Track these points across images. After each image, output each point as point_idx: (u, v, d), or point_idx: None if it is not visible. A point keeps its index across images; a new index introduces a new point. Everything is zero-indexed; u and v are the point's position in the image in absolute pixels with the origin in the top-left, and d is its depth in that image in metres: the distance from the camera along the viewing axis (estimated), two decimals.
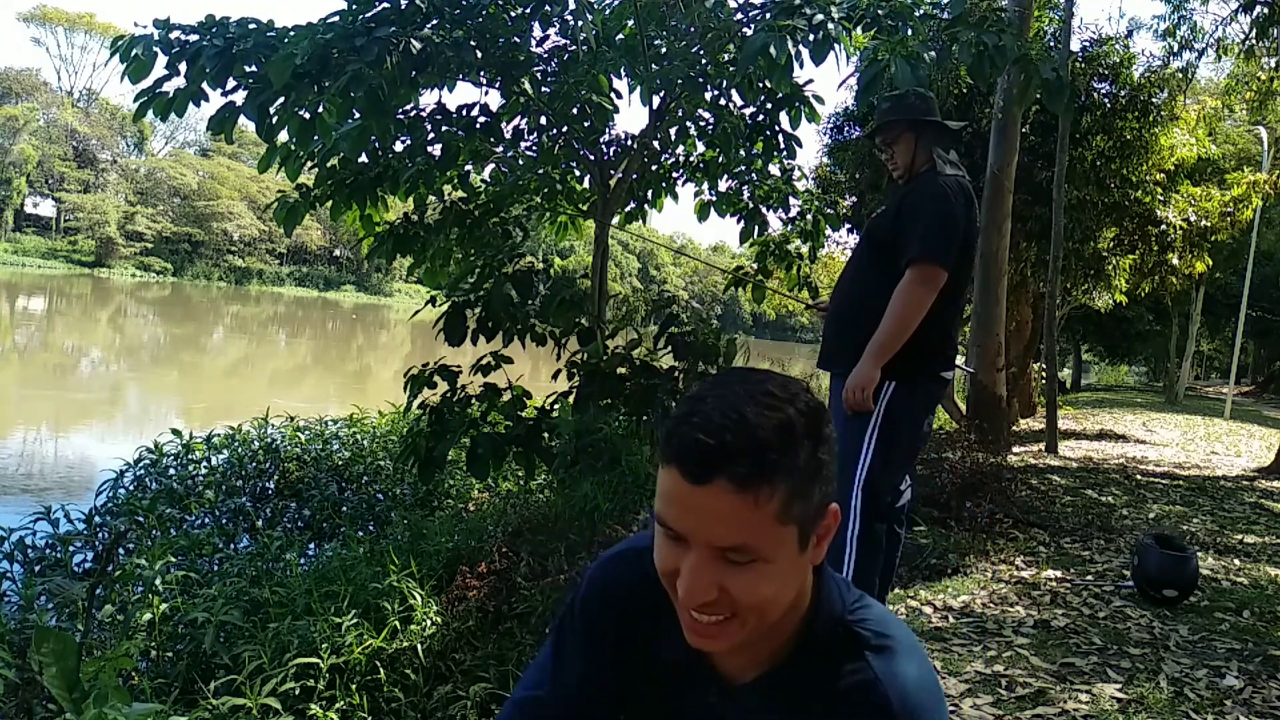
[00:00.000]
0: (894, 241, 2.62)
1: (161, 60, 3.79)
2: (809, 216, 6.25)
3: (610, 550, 1.09)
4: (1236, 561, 4.49)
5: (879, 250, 2.68)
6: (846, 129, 11.36)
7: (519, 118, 5.16)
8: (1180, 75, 10.70)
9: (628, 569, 1.03)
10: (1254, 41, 9.59)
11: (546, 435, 4.67)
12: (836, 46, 3.57)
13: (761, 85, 5.16)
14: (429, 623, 3.27)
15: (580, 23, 4.73)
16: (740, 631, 0.86)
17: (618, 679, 1.04)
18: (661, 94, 4.97)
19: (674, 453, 0.83)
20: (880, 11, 3.92)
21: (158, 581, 3.29)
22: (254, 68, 3.76)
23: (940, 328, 2.62)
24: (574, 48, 4.89)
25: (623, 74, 5.06)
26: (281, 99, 3.66)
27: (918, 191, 2.65)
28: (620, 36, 5.02)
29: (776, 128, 5.54)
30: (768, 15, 3.91)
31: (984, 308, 8.09)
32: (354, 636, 2.95)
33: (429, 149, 4.87)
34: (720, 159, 5.79)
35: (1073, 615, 3.39)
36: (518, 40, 4.74)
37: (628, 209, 5.99)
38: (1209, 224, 11.23)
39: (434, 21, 4.09)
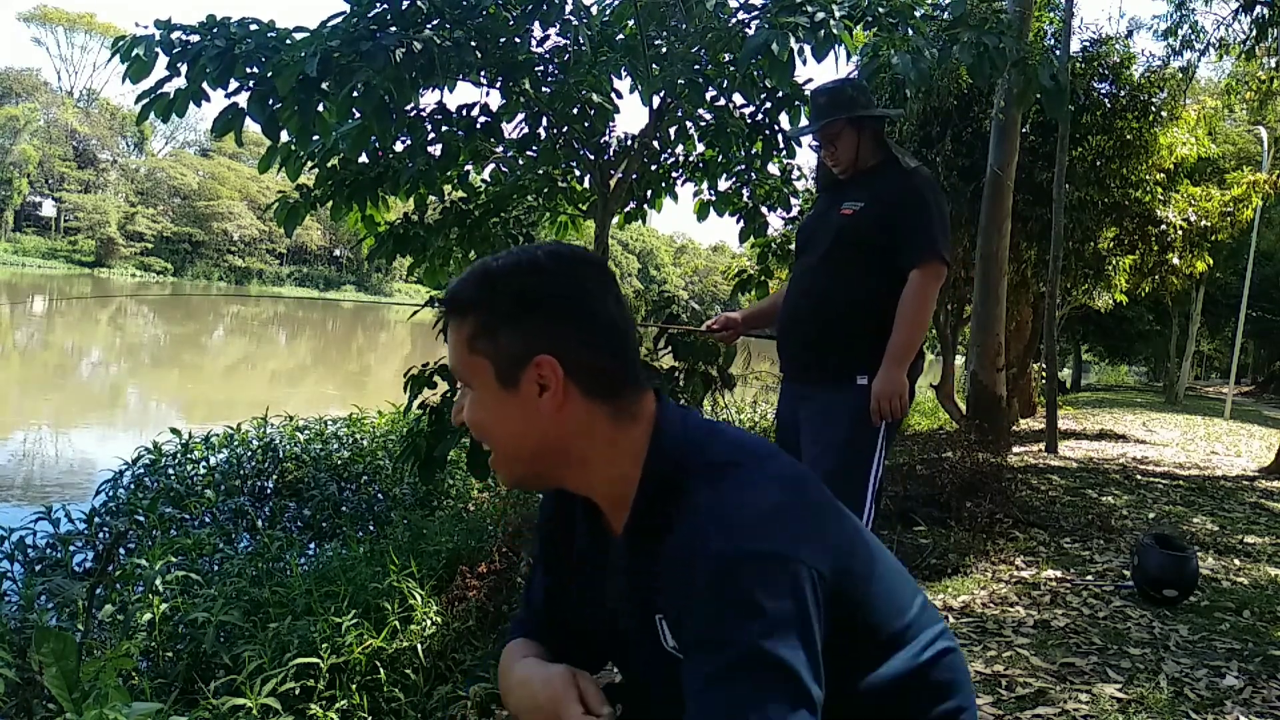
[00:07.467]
0: (884, 243, 2.54)
1: (162, 61, 3.78)
2: None
3: None
4: (1236, 561, 4.50)
5: (862, 252, 2.58)
6: None
7: (520, 118, 5.16)
8: (1180, 75, 10.70)
9: (549, 490, 1.14)
10: (1254, 42, 9.59)
11: None
12: (838, 45, 3.56)
13: (762, 84, 5.15)
14: (429, 623, 3.27)
15: (579, 23, 4.73)
16: (501, 462, 1.01)
17: (560, 584, 1.13)
18: (661, 94, 4.97)
19: None
20: (881, 9, 3.91)
21: (158, 581, 3.29)
22: (255, 69, 3.76)
23: None
24: (574, 48, 4.88)
25: (623, 74, 5.05)
26: (284, 103, 3.66)
27: (900, 189, 2.57)
28: (620, 37, 5.02)
29: (776, 127, 5.54)
30: (769, 13, 3.90)
31: (984, 308, 8.08)
32: (354, 636, 2.95)
33: (429, 149, 4.86)
34: (720, 159, 5.78)
35: (1073, 615, 3.39)
36: (518, 40, 4.74)
37: (627, 209, 5.99)
38: (1209, 224, 11.23)
39: (434, 22, 4.09)
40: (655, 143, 5.41)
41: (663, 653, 0.94)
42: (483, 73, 4.66)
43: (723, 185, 6.08)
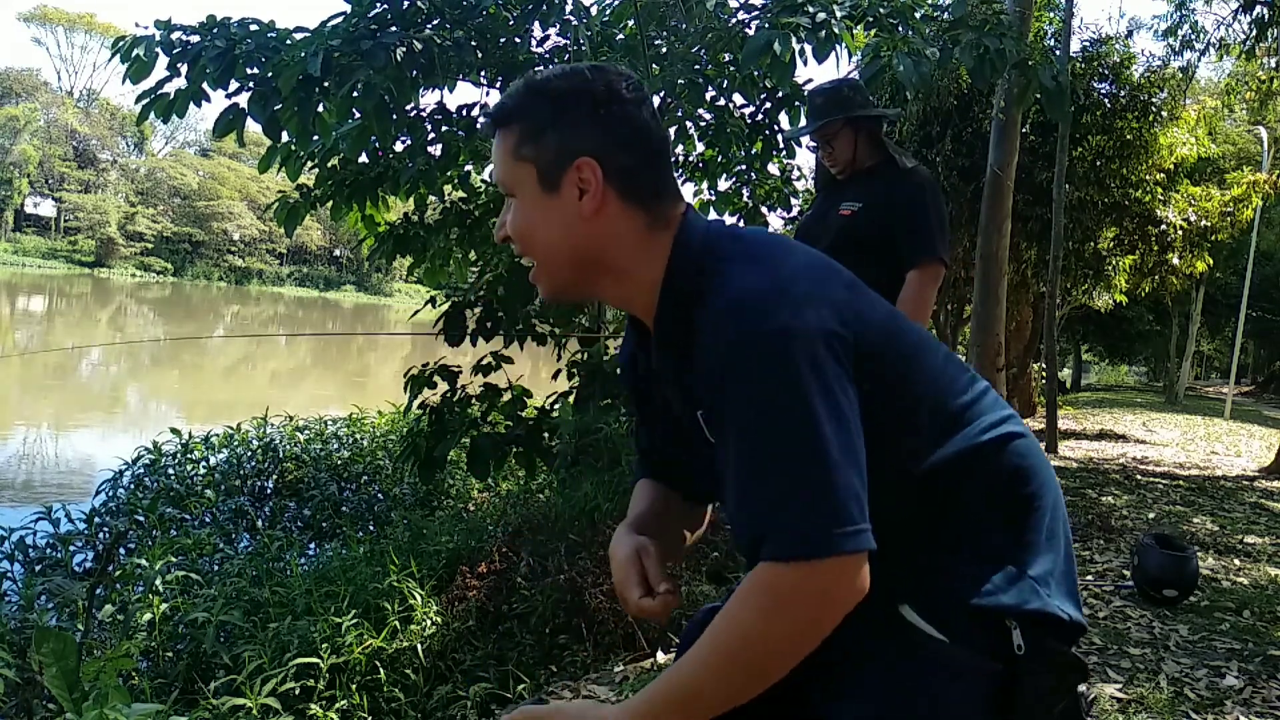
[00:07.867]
0: (883, 243, 2.58)
1: (163, 61, 3.79)
2: None
3: None
4: (1236, 561, 4.50)
5: (861, 252, 2.56)
6: None
7: None
8: (1180, 75, 10.70)
9: (628, 325, 1.17)
10: (1254, 42, 9.58)
11: (547, 435, 4.67)
12: (838, 45, 3.56)
13: (762, 84, 5.16)
14: (429, 623, 3.27)
15: (579, 23, 4.73)
16: (542, 272, 1.03)
17: (650, 413, 1.18)
18: (661, 94, 4.97)
19: None
20: (882, 10, 3.92)
21: (158, 581, 3.29)
22: (256, 69, 3.77)
23: None
24: (574, 48, 4.89)
25: None
26: (285, 103, 3.66)
27: (898, 189, 2.60)
28: (620, 37, 5.03)
29: (776, 127, 5.54)
30: (770, 14, 3.91)
31: (984, 308, 8.07)
32: (354, 636, 2.95)
33: (429, 149, 4.87)
34: (720, 159, 5.79)
35: None
36: (518, 40, 4.74)
37: None
38: (1209, 224, 11.23)
39: (435, 22, 4.09)
40: None
41: (713, 448, 0.95)
42: (483, 73, 4.66)
43: (723, 185, 6.08)
